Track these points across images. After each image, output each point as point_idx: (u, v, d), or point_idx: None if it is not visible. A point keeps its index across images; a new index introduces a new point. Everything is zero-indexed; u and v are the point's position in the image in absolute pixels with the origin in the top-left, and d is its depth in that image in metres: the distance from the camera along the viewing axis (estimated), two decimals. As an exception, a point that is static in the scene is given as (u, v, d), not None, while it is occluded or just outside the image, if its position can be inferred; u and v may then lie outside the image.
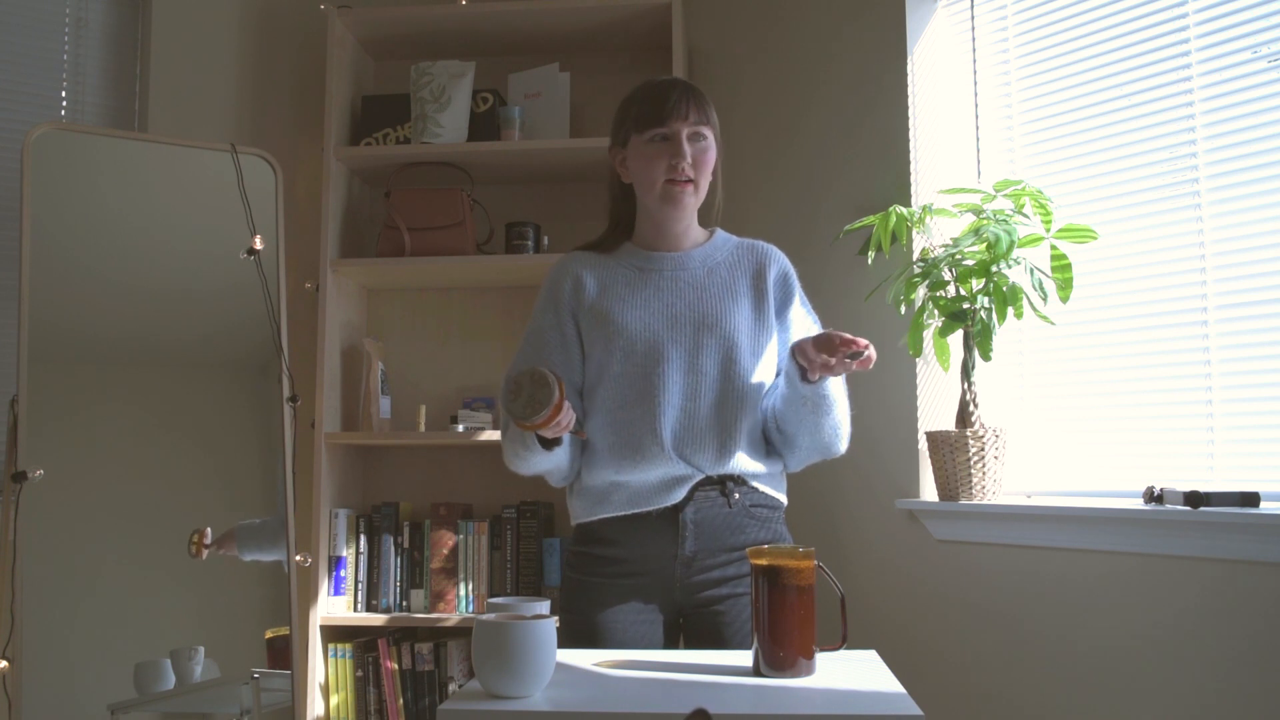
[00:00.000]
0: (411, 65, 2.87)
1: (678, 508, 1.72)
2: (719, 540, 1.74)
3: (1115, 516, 1.99)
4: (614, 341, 1.75)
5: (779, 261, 1.87)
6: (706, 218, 1.89)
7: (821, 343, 1.61)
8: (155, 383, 2.55)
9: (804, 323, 1.85)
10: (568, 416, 1.61)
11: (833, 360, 1.60)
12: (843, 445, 1.79)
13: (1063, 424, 2.29)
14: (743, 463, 1.75)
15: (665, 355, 1.74)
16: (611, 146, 1.85)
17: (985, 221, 2.19)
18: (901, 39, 2.49)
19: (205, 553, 2.45)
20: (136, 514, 2.45)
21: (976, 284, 2.23)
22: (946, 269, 2.26)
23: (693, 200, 1.80)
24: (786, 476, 1.87)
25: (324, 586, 2.73)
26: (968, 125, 2.49)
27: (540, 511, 2.77)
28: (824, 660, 1.41)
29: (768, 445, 1.82)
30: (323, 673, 2.73)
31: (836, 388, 1.73)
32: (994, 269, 2.18)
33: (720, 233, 1.90)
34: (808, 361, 1.65)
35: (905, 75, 2.48)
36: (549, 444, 1.71)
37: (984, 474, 2.22)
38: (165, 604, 2.48)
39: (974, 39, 2.49)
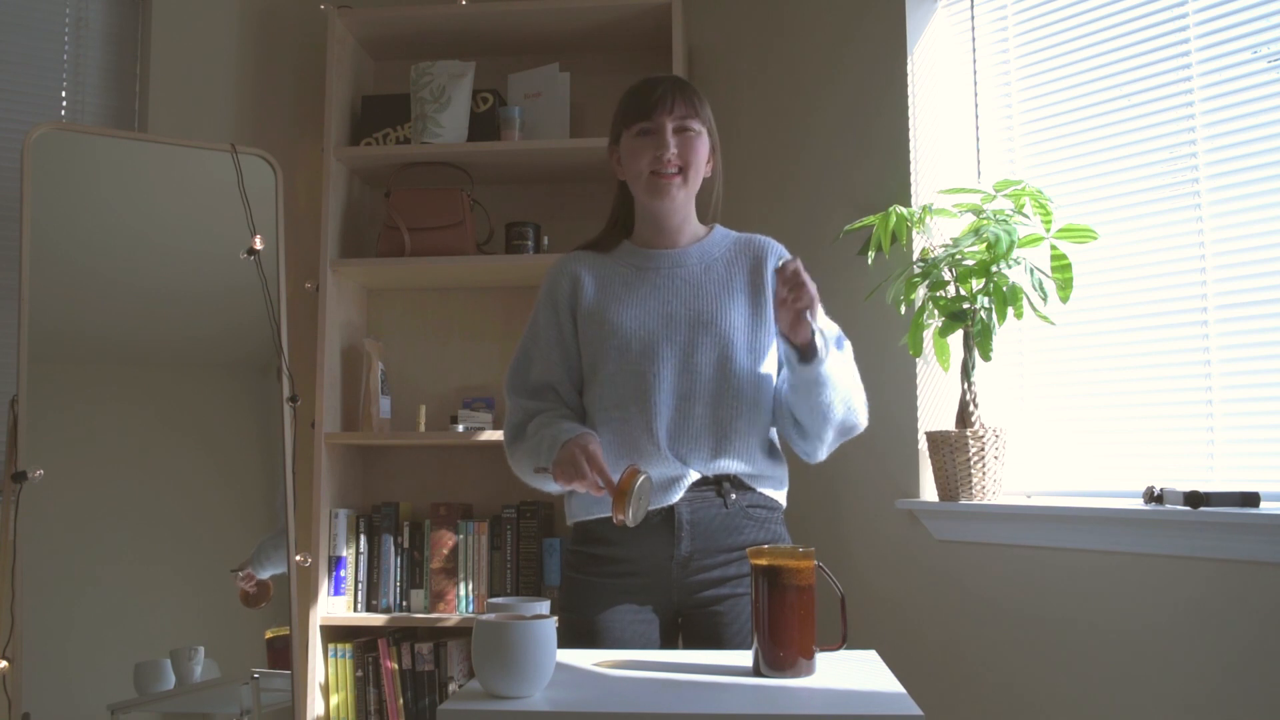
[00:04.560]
0: (411, 65, 2.87)
1: (674, 508, 1.72)
2: (715, 541, 1.74)
3: (1115, 516, 1.98)
4: (609, 340, 1.75)
5: (777, 253, 1.86)
6: (704, 213, 1.89)
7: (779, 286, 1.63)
8: (155, 383, 2.55)
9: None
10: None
11: (785, 295, 1.62)
12: (862, 419, 1.78)
13: (1063, 424, 2.29)
14: (739, 463, 1.75)
15: (659, 354, 1.73)
16: (609, 146, 1.87)
17: (985, 221, 2.19)
18: (901, 39, 2.49)
19: (251, 585, 2.50)
20: (136, 514, 2.45)
21: (976, 284, 2.23)
22: (946, 269, 2.26)
23: (681, 193, 1.79)
24: (789, 476, 1.87)
25: (324, 586, 2.73)
26: (968, 125, 2.49)
27: (540, 511, 2.77)
28: (824, 660, 1.41)
29: (771, 446, 1.82)
30: (323, 673, 2.73)
31: (835, 364, 1.71)
32: (994, 269, 2.18)
33: (719, 228, 1.90)
34: (780, 315, 1.65)
35: (905, 75, 2.48)
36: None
37: (984, 474, 2.22)
38: (165, 604, 2.48)
39: (974, 39, 2.49)
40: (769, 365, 1.80)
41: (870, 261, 2.38)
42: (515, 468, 1.81)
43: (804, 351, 1.67)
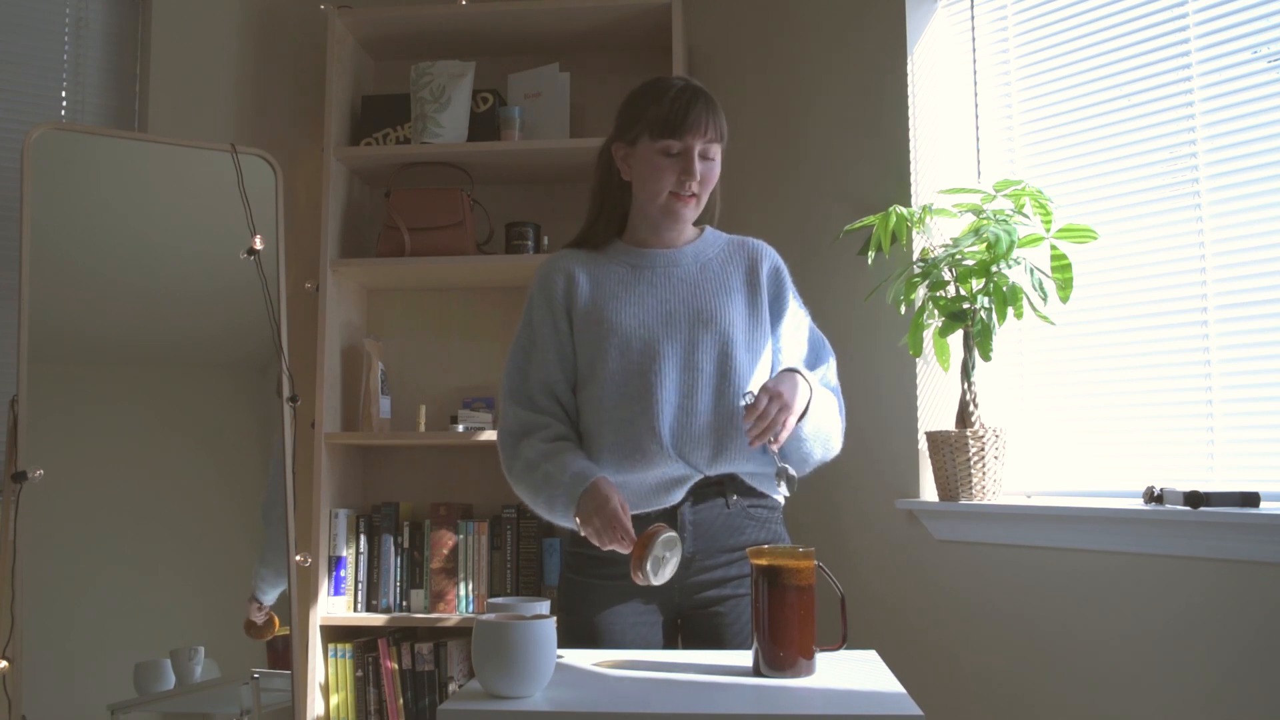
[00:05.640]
0: (411, 65, 2.87)
1: (675, 509, 1.72)
2: (717, 541, 1.74)
3: (1115, 516, 1.99)
4: (608, 340, 1.75)
5: (770, 257, 1.86)
6: (705, 218, 1.89)
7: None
8: (155, 383, 2.55)
9: (796, 320, 1.85)
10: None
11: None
12: (838, 448, 1.81)
13: (1063, 424, 2.29)
14: (740, 462, 1.75)
15: (661, 352, 1.73)
16: (616, 140, 1.83)
17: (985, 221, 2.19)
18: (901, 39, 2.49)
19: (262, 615, 2.51)
20: (136, 514, 2.45)
21: (976, 284, 2.23)
22: (946, 269, 2.26)
23: (693, 214, 1.81)
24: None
25: (324, 586, 2.73)
26: (968, 125, 2.49)
27: (540, 511, 2.76)
28: (824, 660, 1.41)
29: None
30: (323, 673, 2.73)
31: (816, 417, 1.73)
32: (994, 269, 2.18)
33: (710, 230, 1.89)
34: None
35: (905, 75, 2.48)
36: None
37: (984, 474, 2.22)
38: (165, 604, 2.48)
39: (974, 39, 2.49)
40: (764, 364, 1.80)
41: (870, 261, 2.38)
42: (513, 485, 1.79)
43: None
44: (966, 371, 2.26)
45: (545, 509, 1.73)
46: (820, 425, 1.75)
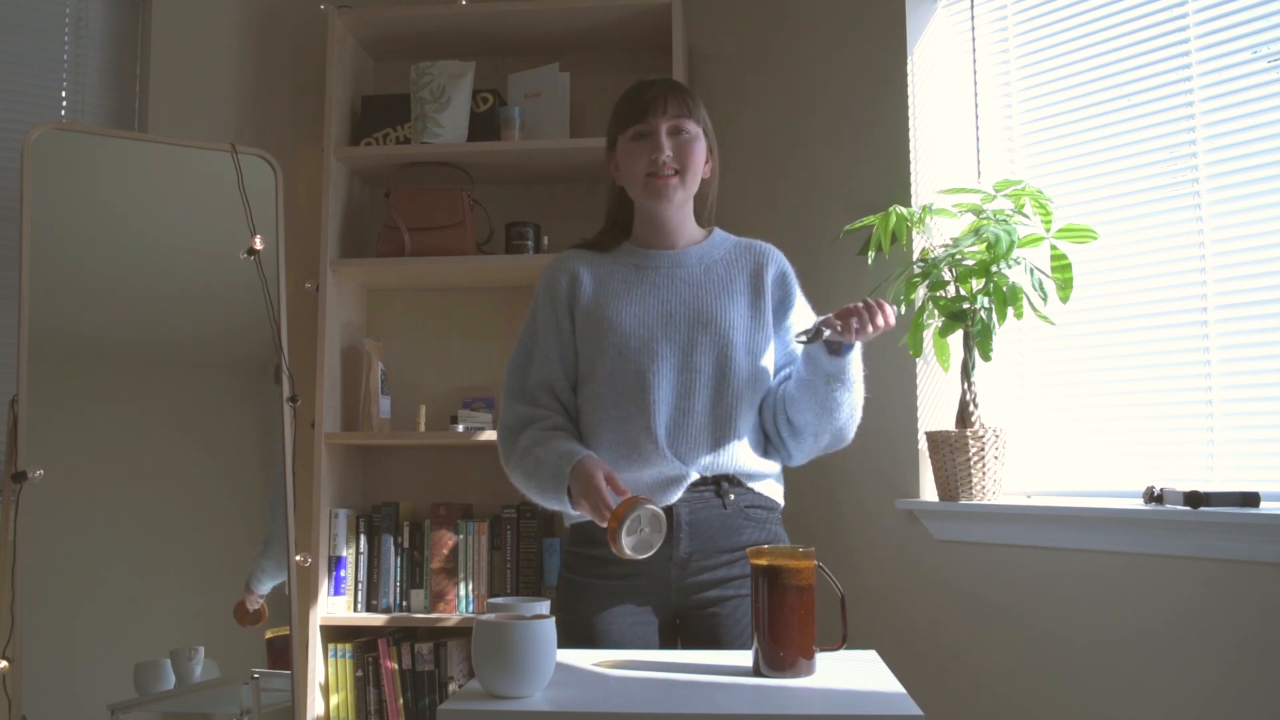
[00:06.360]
0: (411, 65, 2.87)
1: (673, 509, 1.72)
2: (714, 541, 1.73)
3: (1115, 516, 1.99)
4: (607, 338, 1.75)
5: (777, 261, 1.86)
6: (701, 216, 1.89)
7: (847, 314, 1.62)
8: (155, 383, 2.55)
9: (804, 321, 1.84)
10: None
11: (871, 327, 1.61)
12: (853, 431, 1.78)
13: (1063, 424, 2.29)
14: (739, 463, 1.75)
15: (658, 353, 1.73)
16: (606, 151, 1.87)
17: (985, 221, 2.19)
18: (901, 39, 2.49)
19: (253, 605, 2.50)
20: (136, 514, 2.45)
21: (976, 284, 2.23)
22: (946, 269, 2.26)
23: (680, 193, 1.80)
24: (786, 476, 1.87)
25: (324, 586, 2.73)
26: (968, 125, 2.49)
27: (540, 511, 2.77)
28: (824, 660, 1.41)
29: (766, 445, 1.81)
30: (323, 673, 2.73)
31: (857, 366, 1.71)
32: (994, 269, 2.18)
33: (718, 231, 1.90)
34: (843, 327, 1.62)
35: (905, 75, 2.48)
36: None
37: (984, 474, 2.22)
38: (165, 604, 2.48)
39: (974, 39, 2.49)
40: (765, 367, 1.80)
41: (870, 261, 2.38)
42: (510, 477, 1.80)
43: (840, 346, 1.67)
44: (966, 371, 2.26)
45: (538, 494, 1.73)
46: (858, 378, 1.72)
